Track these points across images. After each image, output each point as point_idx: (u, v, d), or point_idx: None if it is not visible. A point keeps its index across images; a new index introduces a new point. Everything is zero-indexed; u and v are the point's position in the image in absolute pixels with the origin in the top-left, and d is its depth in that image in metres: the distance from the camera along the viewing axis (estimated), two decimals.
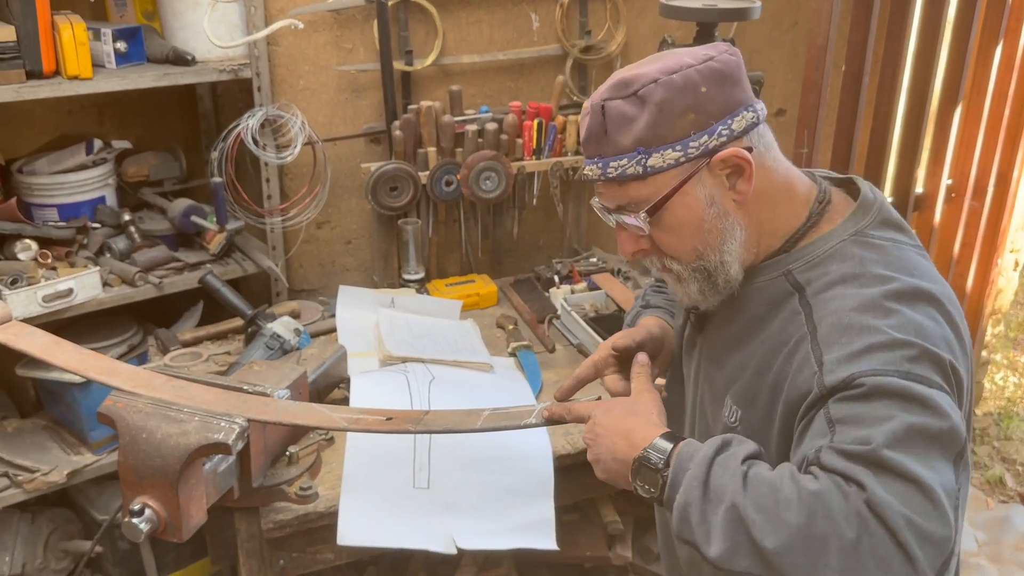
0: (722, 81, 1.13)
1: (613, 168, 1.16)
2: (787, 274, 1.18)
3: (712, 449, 1.07)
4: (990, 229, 3.26)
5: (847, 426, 1.01)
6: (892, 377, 1.01)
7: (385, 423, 1.38)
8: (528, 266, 2.70)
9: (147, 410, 1.41)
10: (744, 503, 0.98)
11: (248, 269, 2.34)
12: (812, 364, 1.07)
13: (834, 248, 1.17)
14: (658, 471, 1.09)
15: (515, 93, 2.60)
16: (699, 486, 1.03)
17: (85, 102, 2.38)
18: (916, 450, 0.97)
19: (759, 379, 1.17)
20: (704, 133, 1.12)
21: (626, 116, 1.13)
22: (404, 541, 1.61)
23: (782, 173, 1.20)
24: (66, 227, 2.23)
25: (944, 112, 3.01)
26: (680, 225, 1.17)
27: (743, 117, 1.14)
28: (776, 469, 1.03)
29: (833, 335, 1.08)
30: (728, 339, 1.25)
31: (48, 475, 2.20)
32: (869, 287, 1.10)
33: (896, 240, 1.18)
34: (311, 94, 2.41)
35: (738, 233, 1.17)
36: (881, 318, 1.06)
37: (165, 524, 1.38)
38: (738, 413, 1.20)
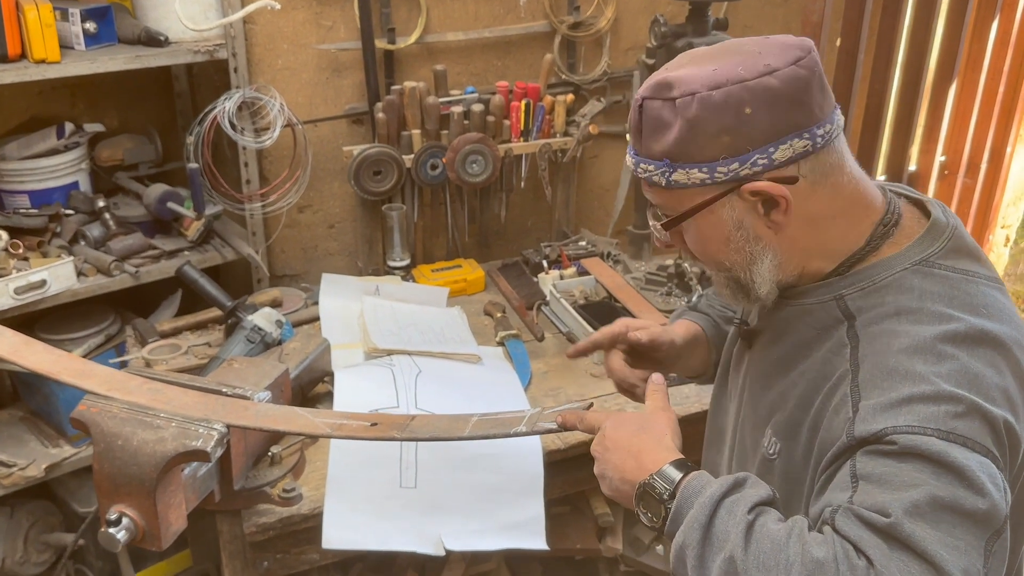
0: (774, 103, 1.00)
1: (641, 169, 1.09)
2: (839, 299, 1.08)
3: (721, 490, 0.99)
4: (983, 206, 3.23)
5: (871, 485, 0.93)
6: (930, 437, 0.92)
7: (369, 429, 1.34)
8: (516, 249, 2.65)
9: (122, 415, 1.36)
10: (743, 558, 0.92)
11: (227, 256, 2.27)
12: (848, 408, 0.99)
13: (894, 277, 1.06)
14: (662, 502, 1.03)
15: (502, 72, 2.53)
16: (699, 529, 0.97)
17: (56, 83, 2.29)
18: (941, 526, 0.89)
19: (801, 414, 1.08)
20: (736, 160, 1.02)
21: (661, 121, 1.05)
22: (391, 543, 1.58)
23: (843, 197, 1.07)
24: (38, 215, 2.16)
25: (939, 89, 2.97)
26: (705, 239, 1.10)
27: (790, 146, 1.01)
28: (785, 523, 0.96)
29: (875, 378, 0.98)
30: (773, 361, 1.16)
31: (26, 469, 2.16)
32: (924, 325, 1.00)
33: (967, 272, 1.07)
34: (290, 74, 2.33)
35: (769, 258, 1.08)
36: (932, 364, 0.97)
37: (143, 533, 1.34)
38: (777, 446, 1.12)
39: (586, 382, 1.99)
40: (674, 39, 2.10)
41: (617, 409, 1.87)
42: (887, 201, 1.12)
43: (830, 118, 1.04)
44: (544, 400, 1.91)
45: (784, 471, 1.11)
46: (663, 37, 2.11)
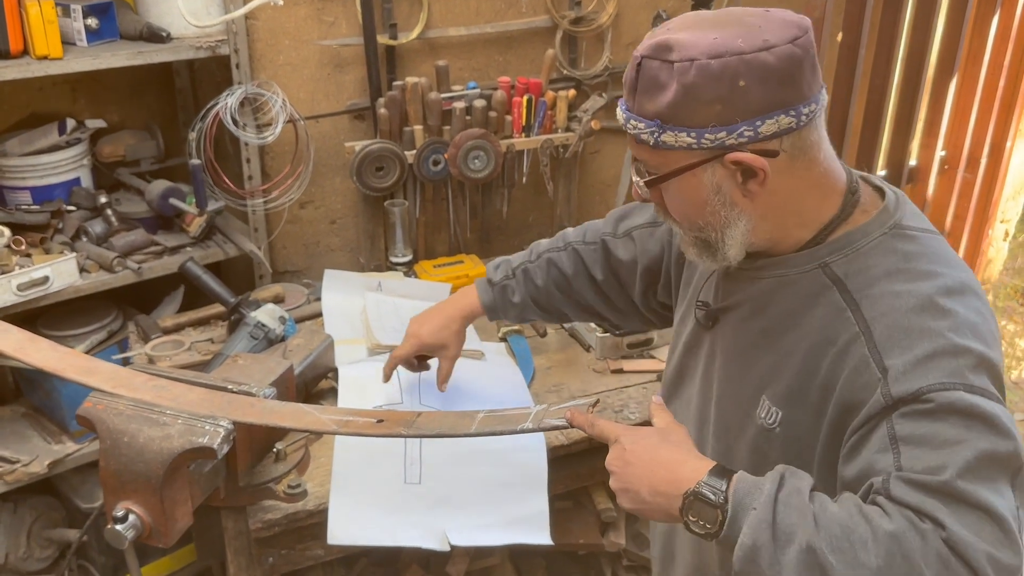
0: (767, 79, 1.03)
1: (632, 126, 1.11)
2: (824, 267, 1.12)
3: (773, 486, 1.01)
4: (982, 200, 3.24)
5: (913, 448, 0.98)
6: (959, 391, 0.98)
7: (376, 426, 1.34)
8: (517, 245, 2.63)
9: (128, 412, 1.36)
10: (820, 546, 0.95)
11: (230, 252, 2.27)
12: (873, 369, 1.03)
13: (874, 241, 1.11)
14: (717, 507, 1.03)
15: (503, 67, 2.52)
16: (768, 528, 0.98)
17: (57, 79, 2.29)
18: (985, 477, 0.95)
19: (806, 380, 1.11)
20: (724, 129, 1.04)
21: (657, 82, 1.06)
22: (396, 538, 1.58)
23: (817, 172, 1.11)
24: (40, 211, 2.16)
25: (939, 83, 2.97)
26: (682, 200, 1.13)
27: (776, 121, 1.04)
28: (841, 504, 0.99)
29: (892, 338, 1.03)
30: (755, 335, 1.18)
31: (29, 466, 2.16)
32: (919, 283, 1.06)
33: (930, 231, 1.14)
34: (291, 69, 2.33)
35: (743, 223, 1.12)
36: (939, 319, 1.03)
37: (150, 529, 1.34)
38: (778, 415, 1.14)
39: (588, 377, 2.00)
40: None
41: (620, 404, 1.88)
42: (848, 173, 1.18)
43: (815, 98, 1.07)
44: (547, 396, 1.92)
45: (787, 437, 1.14)
46: None
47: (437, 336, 1.67)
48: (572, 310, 1.66)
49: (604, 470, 1.94)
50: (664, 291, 1.52)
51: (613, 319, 1.66)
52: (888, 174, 3.00)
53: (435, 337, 1.67)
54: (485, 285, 1.68)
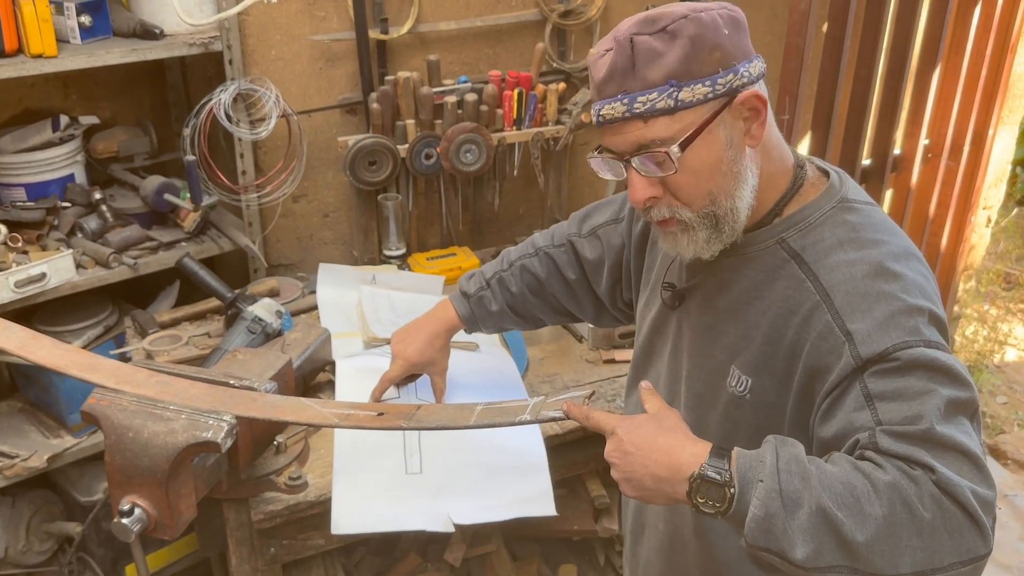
0: (737, 27, 1.15)
1: (641, 103, 1.12)
2: (781, 242, 1.20)
3: (772, 457, 1.06)
4: (965, 188, 3.28)
5: (888, 403, 1.05)
6: (920, 348, 1.06)
7: (376, 419, 1.37)
8: (508, 236, 2.68)
9: (132, 408, 1.39)
10: (828, 505, 1.01)
11: (224, 247, 2.29)
12: (837, 334, 1.10)
13: (825, 215, 1.20)
14: (724, 485, 1.07)
15: (493, 61, 2.55)
16: (777, 497, 1.03)
17: (49, 76, 2.29)
18: (955, 421, 1.04)
19: (773, 347, 1.18)
20: (730, 71, 1.12)
21: (655, 51, 1.12)
22: (400, 524, 1.60)
23: (775, 132, 1.22)
24: (35, 208, 2.17)
25: (923, 73, 3.00)
26: (701, 166, 1.15)
27: (755, 64, 1.16)
28: (836, 463, 1.05)
29: (852, 302, 1.11)
30: (722, 311, 1.26)
31: (28, 460, 2.18)
32: (868, 249, 1.14)
33: (871, 203, 1.23)
34: (283, 64, 2.34)
35: (751, 178, 1.18)
36: (892, 282, 1.11)
37: (155, 522, 1.37)
38: (748, 382, 1.21)
39: (582, 368, 2.03)
40: None
41: (613, 394, 1.92)
42: (790, 149, 1.26)
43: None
44: (541, 386, 1.95)
45: (757, 403, 1.21)
46: None
47: (424, 355, 1.71)
48: (547, 314, 1.71)
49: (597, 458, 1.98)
50: (627, 287, 1.57)
51: (585, 319, 1.71)
52: (873, 163, 3.04)
53: (422, 356, 1.71)
54: (460, 298, 1.72)
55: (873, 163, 3.04)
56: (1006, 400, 3.70)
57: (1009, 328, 4.14)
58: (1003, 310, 4.25)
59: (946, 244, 3.35)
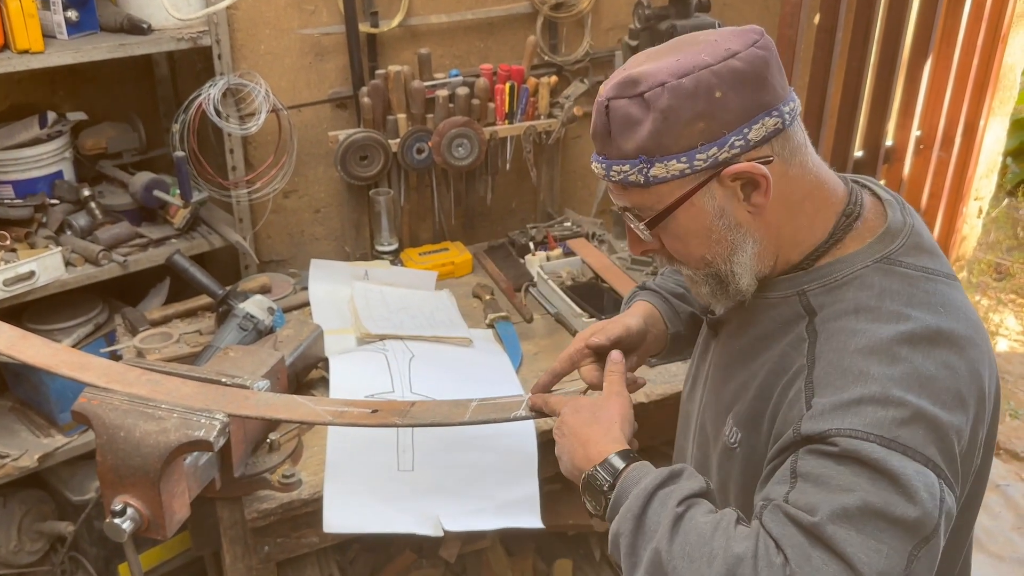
0: (742, 84, 1.00)
1: (616, 172, 1.07)
2: (801, 295, 1.09)
3: (655, 482, 1.04)
4: (956, 179, 3.29)
5: (808, 484, 0.96)
6: (872, 443, 0.94)
7: (370, 416, 1.36)
8: (501, 231, 2.67)
9: (123, 407, 1.38)
10: (668, 549, 0.98)
11: (215, 243, 2.28)
12: (801, 404, 1.01)
13: (856, 273, 1.06)
14: (602, 492, 1.08)
15: (484, 54, 2.53)
16: (632, 519, 1.02)
17: (36, 71, 2.26)
18: (867, 530, 0.92)
19: (762, 404, 1.10)
20: (714, 144, 1.01)
21: (630, 119, 1.03)
22: (390, 525, 1.61)
23: (809, 180, 1.08)
24: (23, 205, 2.15)
25: (915, 64, 3.00)
26: (686, 234, 1.08)
27: (763, 125, 1.02)
28: (714, 516, 1.01)
29: (828, 376, 1.01)
30: (736, 352, 1.17)
31: (18, 460, 2.16)
32: (882, 324, 1.02)
33: (927, 270, 1.07)
34: (273, 59, 2.33)
35: (750, 246, 1.08)
36: (885, 365, 0.98)
37: (148, 522, 1.36)
38: (738, 435, 1.13)
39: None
40: (657, 21, 2.12)
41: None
42: (849, 191, 1.13)
43: (791, 96, 1.06)
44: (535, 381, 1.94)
45: (745, 461, 1.13)
46: (646, 20, 2.13)
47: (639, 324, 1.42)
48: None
49: None
50: None
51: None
52: (865, 155, 3.04)
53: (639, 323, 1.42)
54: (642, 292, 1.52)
55: (865, 155, 3.04)
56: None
57: (1000, 319, 4.15)
58: (994, 300, 4.26)
59: (938, 235, 3.35)
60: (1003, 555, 2.91)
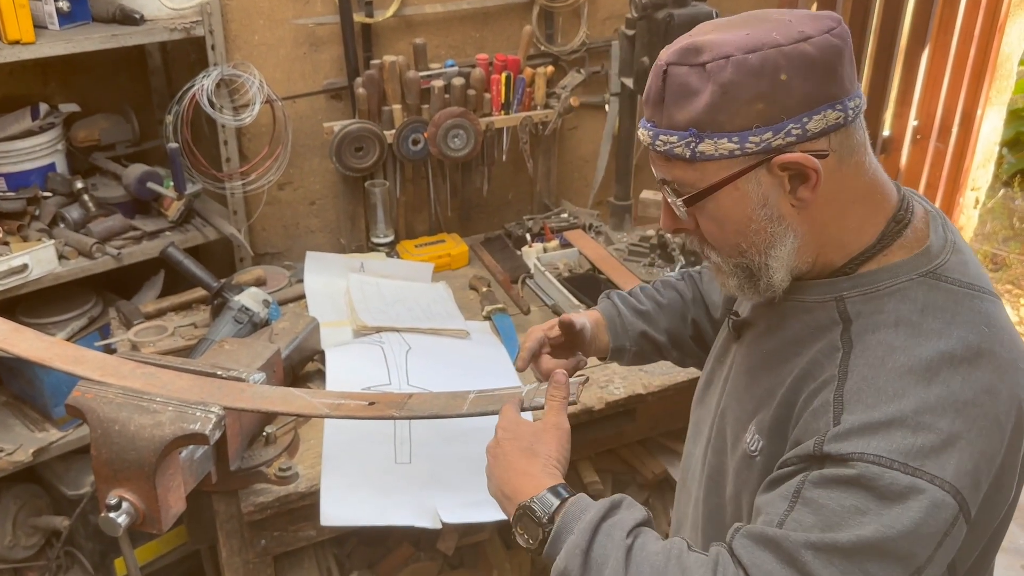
0: (810, 71, 0.95)
1: (662, 142, 1.01)
2: (839, 300, 1.04)
3: (599, 515, 1.02)
4: (953, 169, 3.29)
5: (805, 510, 0.94)
6: (895, 471, 0.91)
7: (368, 408, 1.35)
8: (497, 222, 2.66)
9: (118, 400, 1.36)
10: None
11: (209, 236, 2.26)
12: (829, 416, 0.97)
13: (899, 285, 1.02)
14: (540, 525, 1.05)
15: (480, 44, 2.51)
16: (580, 555, 0.99)
17: (27, 62, 2.24)
18: (853, 561, 0.90)
19: (786, 411, 1.05)
20: (769, 129, 0.96)
21: (688, 88, 0.98)
22: (388, 518, 1.59)
23: (864, 182, 1.03)
24: (16, 198, 2.13)
25: (912, 53, 3.00)
26: (724, 219, 1.03)
27: (824, 116, 0.96)
28: (664, 545, 1.00)
29: (861, 392, 0.96)
30: (763, 356, 1.13)
31: (13, 454, 2.15)
32: (923, 341, 0.97)
33: (973, 287, 1.03)
34: (267, 49, 2.31)
35: (790, 240, 1.02)
36: (922, 387, 0.94)
37: (144, 516, 1.35)
38: (760, 444, 1.08)
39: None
40: (654, 10, 2.10)
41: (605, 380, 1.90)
42: (901, 197, 1.08)
43: (858, 91, 1.01)
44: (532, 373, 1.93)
45: (764, 470, 1.07)
46: (643, 9, 2.11)
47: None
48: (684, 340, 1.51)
49: (589, 445, 1.97)
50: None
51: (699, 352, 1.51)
52: None
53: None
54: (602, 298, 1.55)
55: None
56: None
57: None
58: None
59: None
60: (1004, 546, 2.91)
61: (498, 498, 1.15)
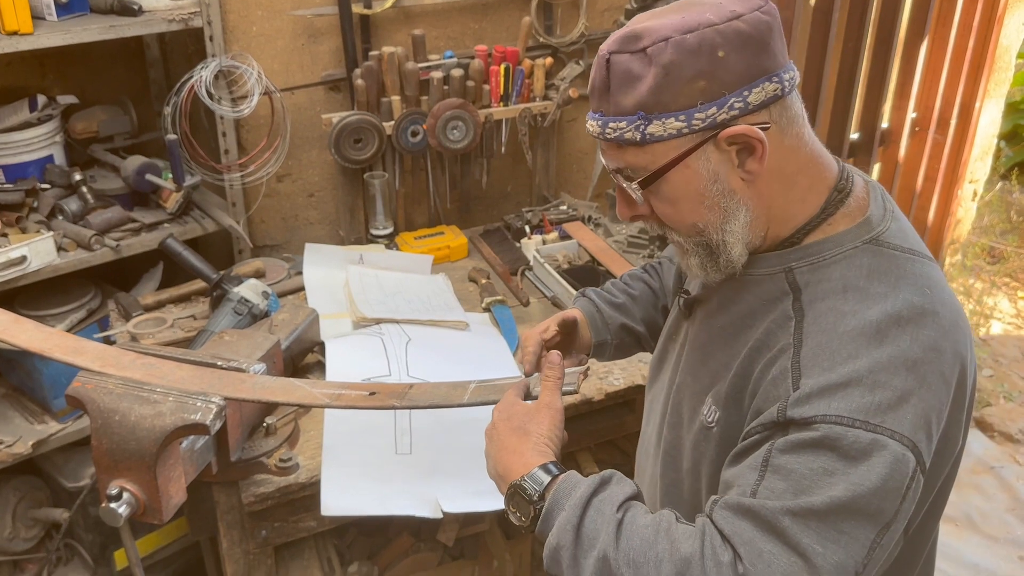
0: (745, 45, 0.99)
1: (611, 129, 1.05)
2: (788, 272, 1.08)
3: (589, 490, 1.04)
4: (952, 161, 3.28)
5: (776, 477, 0.96)
6: (857, 430, 0.94)
7: (368, 398, 1.35)
8: (496, 214, 2.65)
9: (118, 391, 1.36)
10: (615, 556, 0.98)
11: (208, 228, 2.26)
12: (788, 383, 1.00)
13: (844, 253, 1.06)
14: (531, 503, 1.07)
15: (479, 35, 2.51)
16: (572, 530, 1.02)
17: (25, 54, 2.23)
18: (829, 520, 0.93)
19: (742, 382, 1.09)
20: (713, 104, 1.00)
21: (631, 74, 1.01)
22: (389, 507, 1.60)
23: (805, 153, 1.07)
24: (14, 189, 2.12)
25: (911, 45, 2.99)
26: (678, 198, 1.07)
27: (763, 89, 1.01)
28: (653, 518, 1.02)
29: (817, 357, 1.00)
30: (716, 331, 1.16)
31: (12, 447, 2.15)
32: (871, 304, 1.01)
33: (913, 251, 1.08)
34: (265, 40, 2.30)
35: (743, 214, 1.06)
36: (874, 347, 0.98)
37: (144, 507, 1.35)
38: (716, 415, 1.12)
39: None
40: (654, 1, 2.10)
41: (605, 371, 1.91)
42: (841, 168, 1.12)
43: (790, 65, 1.05)
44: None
45: (721, 440, 1.11)
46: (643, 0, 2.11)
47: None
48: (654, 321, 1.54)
49: (590, 435, 1.97)
50: None
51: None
52: (861, 137, 3.03)
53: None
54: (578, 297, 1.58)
55: (861, 137, 3.03)
56: (992, 373, 3.72)
57: (994, 302, 4.16)
58: (988, 284, 4.27)
59: (933, 218, 3.35)
60: (997, 536, 2.92)
61: (494, 479, 1.17)
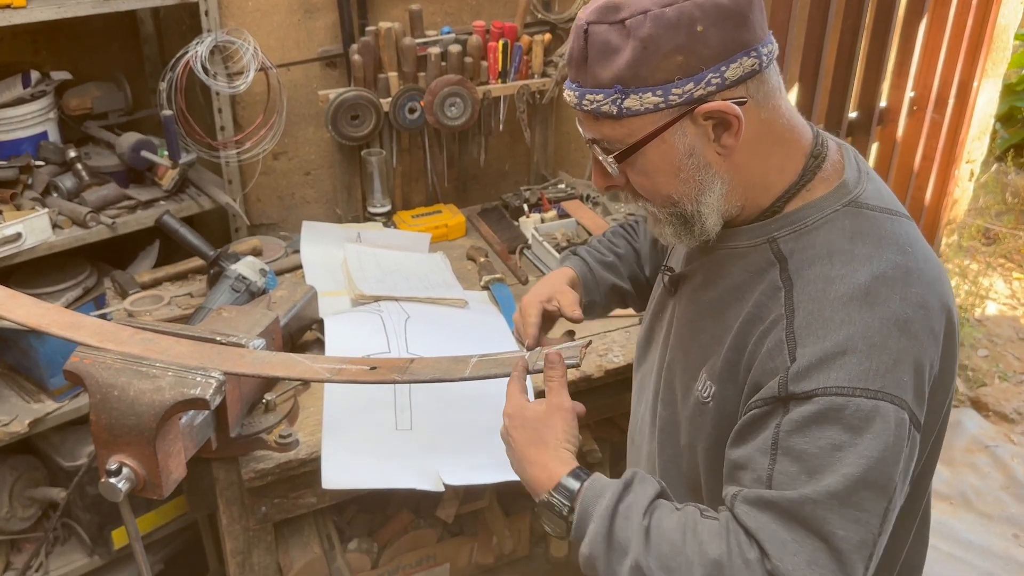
0: (724, 20, 0.99)
1: (588, 101, 1.04)
2: (771, 242, 1.09)
3: (614, 498, 1.05)
4: (949, 141, 3.28)
5: (788, 460, 0.98)
6: (858, 398, 0.96)
7: (370, 373, 1.34)
8: (494, 193, 2.64)
9: (116, 366, 1.35)
10: (648, 564, 0.99)
11: (204, 205, 2.24)
12: (785, 354, 1.01)
13: (825, 218, 1.07)
14: (563, 517, 1.09)
15: (476, 11, 2.49)
16: (603, 541, 1.03)
17: (17, 29, 2.21)
18: (851, 500, 0.95)
19: (737, 356, 1.09)
20: (690, 80, 0.99)
21: (609, 46, 1.01)
22: (390, 481, 1.59)
23: (781, 124, 1.08)
24: (8, 166, 2.10)
25: (909, 24, 2.98)
26: (654, 171, 1.07)
27: (740, 64, 1.00)
28: (679, 517, 1.03)
29: (811, 325, 1.01)
30: (704, 306, 1.17)
31: (8, 425, 2.14)
32: (857, 267, 1.02)
33: (890, 211, 1.09)
34: (261, 16, 2.28)
35: (718, 186, 1.07)
36: (866, 311, 0.99)
37: (144, 482, 1.34)
38: (712, 389, 1.13)
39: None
40: None
41: (604, 349, 1.90)
42: (815, 134, 1.13)
43: (769, 38, 1.05)
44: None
45: (718, 414, 1.12)
46: None
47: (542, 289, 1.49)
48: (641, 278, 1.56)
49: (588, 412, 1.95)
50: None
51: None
52: (859, 116, 3.02)
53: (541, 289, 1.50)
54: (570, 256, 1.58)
55: (860, 116, 3.02)
56: (987, 353, 3.74)
57: (990, 283, 4.17)
58: (984, 265, 4.27)
59: (930, 198, 3.35)
60: (992, 514, 2.94)
61: (524, 482, 1.17)
